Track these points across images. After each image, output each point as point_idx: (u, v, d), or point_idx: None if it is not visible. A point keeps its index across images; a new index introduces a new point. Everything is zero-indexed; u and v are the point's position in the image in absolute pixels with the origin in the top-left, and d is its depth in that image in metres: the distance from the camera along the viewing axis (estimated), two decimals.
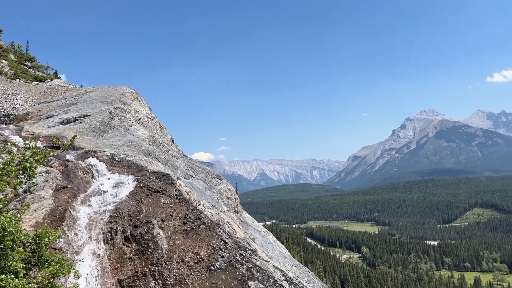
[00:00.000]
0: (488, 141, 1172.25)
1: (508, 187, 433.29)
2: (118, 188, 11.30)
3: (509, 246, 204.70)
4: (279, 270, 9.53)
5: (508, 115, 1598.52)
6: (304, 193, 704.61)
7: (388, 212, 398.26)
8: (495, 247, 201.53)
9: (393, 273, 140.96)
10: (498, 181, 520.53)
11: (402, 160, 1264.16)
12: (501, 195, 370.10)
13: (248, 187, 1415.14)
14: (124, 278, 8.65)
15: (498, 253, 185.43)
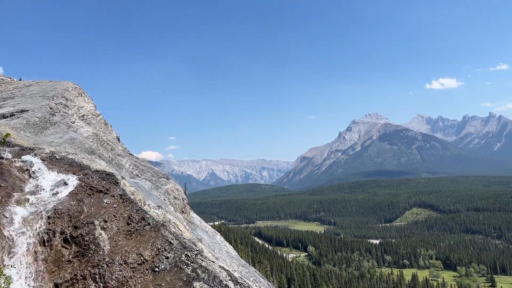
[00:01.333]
0: (427, 145, 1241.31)
1: (444, 188, 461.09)
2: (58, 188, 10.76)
3: (444, 244, 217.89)
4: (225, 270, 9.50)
5: (444, 120, 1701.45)
6: (253, 193, 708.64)
7: (333, 211, 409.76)
8: (431, 245, 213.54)
9: (337, 271, 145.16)
10: (435, 182, 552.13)
11: (347, 161, 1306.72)
12: (437, 196, 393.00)
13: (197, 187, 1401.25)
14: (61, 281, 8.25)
15: (433, 250, 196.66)
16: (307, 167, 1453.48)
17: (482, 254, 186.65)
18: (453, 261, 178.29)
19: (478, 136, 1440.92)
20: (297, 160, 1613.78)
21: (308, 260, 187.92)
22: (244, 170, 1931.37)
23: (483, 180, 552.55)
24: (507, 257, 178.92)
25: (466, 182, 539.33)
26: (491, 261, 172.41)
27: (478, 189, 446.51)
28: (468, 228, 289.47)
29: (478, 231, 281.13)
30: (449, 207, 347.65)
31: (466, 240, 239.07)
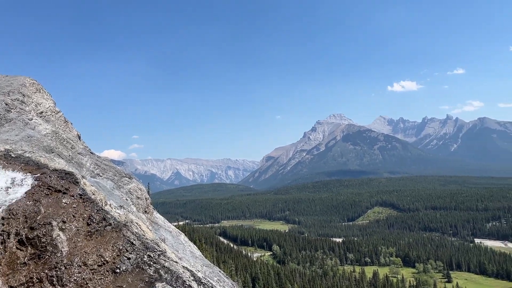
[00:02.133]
0: (388, 145, 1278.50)
1: (404, 187, 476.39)
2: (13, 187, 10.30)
3: (403, 242, 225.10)
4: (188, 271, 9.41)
5: (405, 121, 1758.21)
6: (218, 193, 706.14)
7: (298, 210, 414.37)
8: (391, 243, 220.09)
9: (301, 269, 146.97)
10: (395, 182, 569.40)
11: (312, 161, 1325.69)
12: (398, 195, 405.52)
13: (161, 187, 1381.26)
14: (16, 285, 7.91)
15: (394, 248, 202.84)
16: (273, 166, 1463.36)
17: (439, 251, 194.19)
18: (412, 258, 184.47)
19: (436, 137, 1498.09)
20: (263, 159, 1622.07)
21: (273, 259, 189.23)
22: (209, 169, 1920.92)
23: (441, 179, 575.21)
24: (462, 254, 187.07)
25: (424, 181, 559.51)
26: (447, 257, 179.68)
27: (435, 188, 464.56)
28: (426, 226, 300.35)
29: (436, 228, 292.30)
30: (409, 206, 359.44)
31: (424, 237, 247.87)
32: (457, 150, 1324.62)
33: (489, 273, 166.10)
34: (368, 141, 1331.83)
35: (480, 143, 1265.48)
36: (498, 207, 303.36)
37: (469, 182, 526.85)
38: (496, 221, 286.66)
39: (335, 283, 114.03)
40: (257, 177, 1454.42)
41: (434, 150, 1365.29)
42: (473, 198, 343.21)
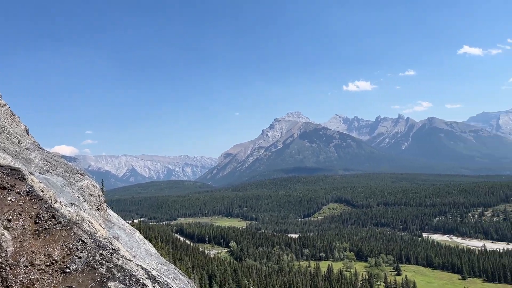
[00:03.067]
0: (343, 143, 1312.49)
1: (357, 184, 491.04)
2: None
3: (357, 237, 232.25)
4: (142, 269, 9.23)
5: (359, 120, 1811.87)
6: (175, 190, 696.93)
7: (255, 207, 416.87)
8: (345, 238, 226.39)
9: (258, 265, 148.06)
10: (349, 178, 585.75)
11: (270, 158, 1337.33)
12: (352, 191, 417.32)
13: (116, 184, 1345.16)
14: None
15: (347, 243, 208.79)
16: (231, 163, 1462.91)
17: (390, 245, 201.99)
18: (364, 252, 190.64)
19: (389, 136, 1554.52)
20: (221, 156, 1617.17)
21: (230, 255, 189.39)
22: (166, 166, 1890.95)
23: (392, 176, 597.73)
24: (411, 248, 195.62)
25: (377, 178, 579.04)
26: (397, 251, 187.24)
27: (387, 185, 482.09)
28: (378, 221, 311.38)
29: (387, 224, 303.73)
30: (362, 202, 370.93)
31: (376, 232, 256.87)
32: (408, 148, 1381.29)
33: (435, 266, 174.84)
34: (324, 139, 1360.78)
35: (429, 142, 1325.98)
36: (444, 203, 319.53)
37: (419, 179, 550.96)
38: (442, 216, 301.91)
39: (291, 278, 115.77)
40: (215, 174, 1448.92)
41: (386, 148, 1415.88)
42: (422, 194, 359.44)
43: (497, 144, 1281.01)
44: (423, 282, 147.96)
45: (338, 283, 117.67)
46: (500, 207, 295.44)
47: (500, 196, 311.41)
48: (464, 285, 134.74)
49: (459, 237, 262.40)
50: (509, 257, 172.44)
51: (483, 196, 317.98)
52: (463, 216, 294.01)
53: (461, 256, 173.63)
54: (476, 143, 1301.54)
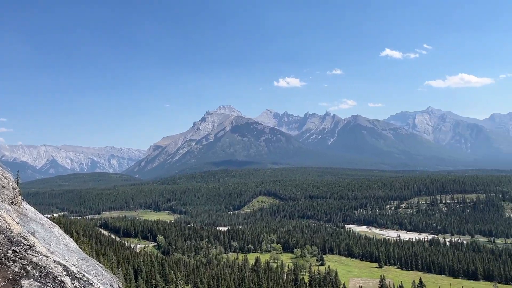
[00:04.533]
0: (273, 138, 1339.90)
1: (286, 177, 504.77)
2: None
3: (284, 229, 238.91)
4: (61, 265, 8.77)
5: (289, 116, 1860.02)
6: (100, 183, 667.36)
7: (185, 200, 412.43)
8: (273, 230, 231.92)
9: (186, 259, 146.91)
10: (278, 172, 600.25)
11: (201, 151, 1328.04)
12: (280, 185, 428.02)
13: (33, 176, 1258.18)
14: None
15: (275, 235, 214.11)
16: (160, 156, 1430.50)
17: (315, 236, 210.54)
18: (291, 244, 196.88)
19: (316, 132, 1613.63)
20: (150, 148, 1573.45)
21: (157, 250, 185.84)
22: (90, 157, 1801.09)
23: (318, 171, 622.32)
24: (334, 239, 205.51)
25: (304, 172, 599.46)
26: (321, 242, 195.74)
27: (314, 179, 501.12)
28: (304, 214, 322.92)
29: (313, 216, 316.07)
30: (290, 195, 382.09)
31: (302, 224, 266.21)
32: (334, 144, 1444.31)
33: (356, 255, 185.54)
34: (255, 133, 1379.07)
35: (353, 138, 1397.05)
36: (365, 196, 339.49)
37: (343, 174, 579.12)
38: (363, 208, 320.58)
39: (219, 271, 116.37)
40: (143, 167, 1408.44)
41: (314, 144, 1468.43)
42: (345, 188, 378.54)
43: (413, 142, 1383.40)
44: (344, 271, 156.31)
45: (265, 274, 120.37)
46: (414, 200, 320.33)
47: (414, 190, 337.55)
48: (380, 273, 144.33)
49: (378, 228, 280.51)
50: (420, 246, 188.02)
51: (399, 190, 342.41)
52: (381, 208, 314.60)
53: (378, 246, 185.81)
54: (395, 140, 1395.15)
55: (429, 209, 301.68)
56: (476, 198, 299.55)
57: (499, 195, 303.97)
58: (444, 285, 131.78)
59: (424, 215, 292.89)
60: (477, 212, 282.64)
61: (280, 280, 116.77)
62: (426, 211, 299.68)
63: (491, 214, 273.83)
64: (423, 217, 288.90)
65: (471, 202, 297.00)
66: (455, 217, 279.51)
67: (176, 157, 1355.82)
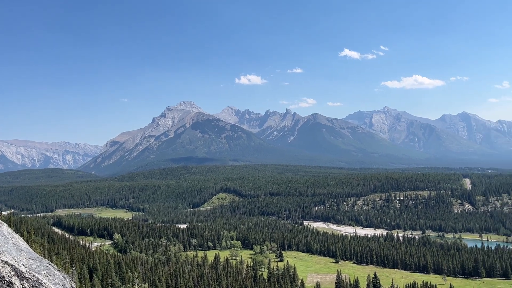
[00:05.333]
0: (234, 135, 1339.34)
1: (246, 175, 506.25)
2: None
3: (244, 226, 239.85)
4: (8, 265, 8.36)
5: (250, 113, 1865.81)
6: (53, 179, 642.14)
7: (143, 198, 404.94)
8: (233, 227, 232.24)
9: (144, 257, 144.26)
10: (239, 169, 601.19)
11: (160, 147, 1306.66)
12: (241, 182, 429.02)
13: None
14: None
15: (235, 232, 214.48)
16: (118, 152, 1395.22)
17: (274, 233, 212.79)
18: (250, 240, 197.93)
19: (277, 129, 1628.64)
20: (106, 144, 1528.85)
21: (114, 248, 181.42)
22: (43, 153, 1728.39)
23: (279, 168, 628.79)
24: (292, 235, 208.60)
25: (265, 169, 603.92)
26: (280, 239, 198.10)
27: (274, 176, 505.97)
28: (264, 210, 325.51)
29: (272, 213, 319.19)
30: (250, 192, 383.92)
31: (262, 221, 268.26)
32: (294, 142, 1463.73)
33: (314, 251, 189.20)
34: (216, 129, 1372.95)
35: (312, 136, 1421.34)
36: (323, 193, 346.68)
37: (302, 171, 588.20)
38: (321, 205, 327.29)
39: (178, 268, 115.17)
40: (100, 163, 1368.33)
41: (274, 141, 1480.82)
42: (304, 185, 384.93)
43: (369, 140, 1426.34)
44: (302, 267, 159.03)
45: (224, 271, 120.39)
46: (370, 197, 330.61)
47: (370, 187, 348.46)
48: (337, 268, 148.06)
49: (335, 224, 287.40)
50: (375, 241, 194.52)
51: (356, 187, 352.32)
52: (339, 205, 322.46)
53: (336, 242, 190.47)
54: (352, 138, 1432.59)
55: (384, 205, 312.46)
56: (428, 195, 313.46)
57: (449, 192, 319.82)
58: (397, 279, 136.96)
59: (379, 211, 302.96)
60: (428, 208, 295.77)
61: (239, 277, 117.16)
62: (381, 207, 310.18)
63: (441, 210, 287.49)
64: (378, 213, 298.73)
65: (423, 199, 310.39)
66: (408, 213, 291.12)
67: (134, 153, 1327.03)
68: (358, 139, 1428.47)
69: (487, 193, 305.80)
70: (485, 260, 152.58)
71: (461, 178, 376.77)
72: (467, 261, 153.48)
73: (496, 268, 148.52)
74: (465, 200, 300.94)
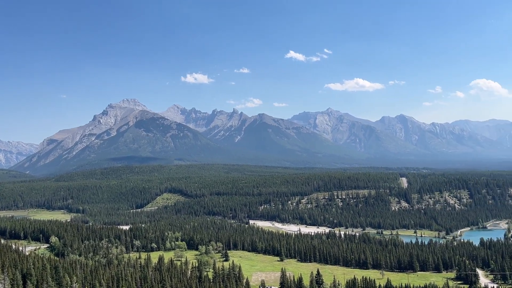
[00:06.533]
0: (180, 134, 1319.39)
1: (192, 174, 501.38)
2: None
3: (189, 226, 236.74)
4: None
5: (197, 112, 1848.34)
6: None
7: (83, 198, 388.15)
8: (178, 227, 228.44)
9: (83, 260, 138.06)
10: (185, 169, 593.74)
11: (102, 146, 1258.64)
12: (186, 182, 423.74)
13: None
14: None
15: (180, 232, 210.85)
16: (55, 150, 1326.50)
17: (220, 233, 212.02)
18: (196, 241, 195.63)
19: (224, 129, 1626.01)
20: (43, 142, 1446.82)
21: (50, 251, 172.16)
22: None
23: (225, 167, 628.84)
24: (238, 234, 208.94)
25: (211, 169, 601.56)
26: (226, 238, 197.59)
27: (220, 175, 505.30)
28: (210, 210, 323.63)
29: (218, 212, 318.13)
30: (196, 192, 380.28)
31: (208, 221, 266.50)
32: (241, 141, 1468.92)
33: (259, 250, 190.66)
34: (161, 128, 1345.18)
35: (259, 136, 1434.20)
36: (269, 192, 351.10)
37: (248, 170, 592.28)
38: (267, 204, 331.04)
39: (120, 271, 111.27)
40: (35, 162, 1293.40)
41: (221, 140, 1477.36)
42: (250, 184, 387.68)
43: (313, 140, 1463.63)
44: (248, 266, 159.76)
45: (168, 272, 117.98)
46: (314, 195, 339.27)
47: (314, 186, 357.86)
48: (282, 266, 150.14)
49: (280, 223, 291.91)
50: (318, 239, 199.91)
51: (300, 186, 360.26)
52: (284, 204, 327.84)
53: (280, 240, 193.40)
54: (297, 138, 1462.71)
55: (327, 204, 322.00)
56: (368, 194, 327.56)
57: (387, 190, 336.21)
58: (339, 275, 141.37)
59: (322, 209, 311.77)
60: (368, 206, 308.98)
61: (184, 278, 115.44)
62: (324, 206, 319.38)
63: (379, 208, 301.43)
64: (321, 211, 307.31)
65: (363, 197, 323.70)
66: (349, 211, 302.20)
67: (74, 152, 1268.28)
68: (303, 139, 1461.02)
69: (421, 191, 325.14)
70: (419, 255, 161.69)
71: (398, 178, 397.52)
72: (403, 256, 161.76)
73: (429, 262, 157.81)
74: (402, 198, 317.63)
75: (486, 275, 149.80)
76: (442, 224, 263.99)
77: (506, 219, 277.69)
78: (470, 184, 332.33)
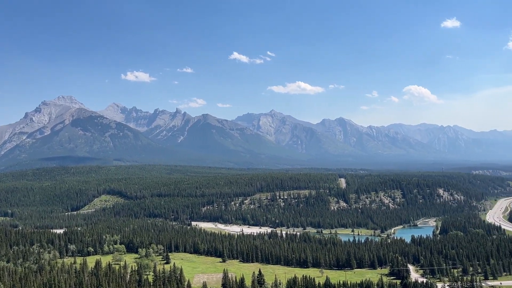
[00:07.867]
0: (120, 133, 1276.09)
1: (132, 175, 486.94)
2: None
3: (128, 229, 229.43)
4: None
5: (138, 111, 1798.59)
6: None
7: (12, 201, 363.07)
8: (116, 230, 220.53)
9: (11, 267, 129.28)
10: (124, 170, 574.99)
11: (34, 145, 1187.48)
12: (126, 183, 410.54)
13: None
14: None
15: (118, 235, 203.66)
16: None
17: (161, 235, 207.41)
18: (135, 244, 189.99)
19: (166, 129, 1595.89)
20: None
21: None
22: None
23: (167, 168, 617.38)
24: (180, 236, 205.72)
25: (153, 170, 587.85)
26: (167, 241, 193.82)
27: (162, 176, 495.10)
28: (151, 212, 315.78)
29: (160, 214, 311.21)
30: (136, 194, 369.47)
31: (148, 223, 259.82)
32: (184, 142, 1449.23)
33: (201, 252, 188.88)
34: (100, 127, 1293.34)
35: (203, 137, 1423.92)
36: (212, 193, 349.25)
37: (191, 171, 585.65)
38: (210, 205, 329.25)
39: (52, 277, 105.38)
40: None
41: (163, 141, 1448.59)
42: (193, 185, 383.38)
43: (257, 142, 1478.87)
44: (189, 268, 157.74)
45: (106, 277, 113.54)
46: (256, 196, 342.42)
47: (257, 186, 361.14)
48: (224, 267, 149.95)
49: (223, 224, 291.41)
50: (260, 239, 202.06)
51: (244, 187, 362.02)
52: (227, 204, 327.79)
53: (223, 241, 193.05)
54: (241, 139, 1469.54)
55: (269, 204, 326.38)
56: (309, 194, 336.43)
57: (327, 191, 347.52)
58: (280, 274, 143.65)
59: (265, 210, 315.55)
60: (309, 206, 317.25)
61: (123, 282, 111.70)
62: (266, 206, 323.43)
63: (319, 208, 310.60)
64: (264, 212, 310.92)
65: (304, 198, 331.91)
66: (291, 211, 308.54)
67: (2, 151, 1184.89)
68: (247, 140, 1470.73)
69: (358, 191, 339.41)
70: (356, 253, 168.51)
71: (337, 178, 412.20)
72: (341, 254, 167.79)
73: (365, 259, 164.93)
74: (340, 198, 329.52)
75: (416, 270, 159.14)
76: (377, 222, 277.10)
77: (435, 217, 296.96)
78: (403, 184, 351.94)
